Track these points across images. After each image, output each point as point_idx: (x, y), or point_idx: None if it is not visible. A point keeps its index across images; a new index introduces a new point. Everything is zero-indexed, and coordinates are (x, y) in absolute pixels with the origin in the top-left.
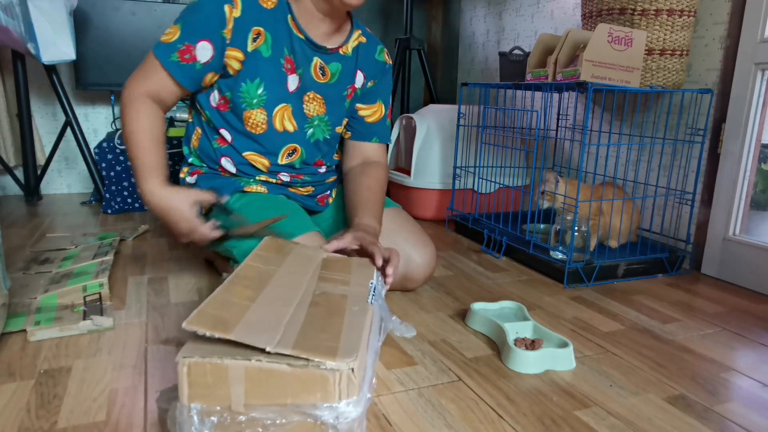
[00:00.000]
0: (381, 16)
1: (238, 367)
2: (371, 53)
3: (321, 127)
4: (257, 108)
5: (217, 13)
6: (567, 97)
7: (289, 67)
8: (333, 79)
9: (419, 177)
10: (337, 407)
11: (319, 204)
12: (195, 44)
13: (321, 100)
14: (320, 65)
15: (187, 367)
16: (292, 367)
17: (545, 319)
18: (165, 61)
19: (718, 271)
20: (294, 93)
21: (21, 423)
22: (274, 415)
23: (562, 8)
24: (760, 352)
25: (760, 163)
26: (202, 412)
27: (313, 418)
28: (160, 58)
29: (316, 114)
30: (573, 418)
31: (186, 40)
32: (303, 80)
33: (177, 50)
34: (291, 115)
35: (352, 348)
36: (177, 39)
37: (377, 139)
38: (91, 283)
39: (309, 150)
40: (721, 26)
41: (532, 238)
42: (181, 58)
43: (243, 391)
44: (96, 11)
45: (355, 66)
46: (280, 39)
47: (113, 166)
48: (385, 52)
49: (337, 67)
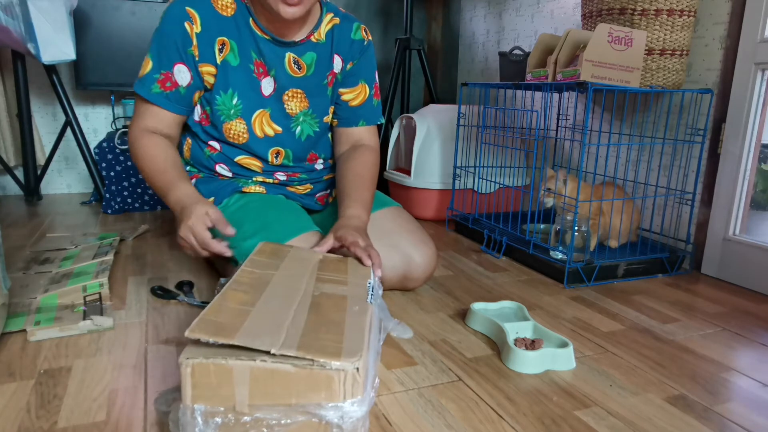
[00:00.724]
0: (381, 16)
1: (242, 367)
2: (347, 33)
3: (308, 121)
4: (235, 119)
5: (180, 33)
6: (567, 97)
7: (260, 71)
8: (310, 70)
9: (419, 177)
10: (342, 407)
11: (318, 203)
12: (171, 70)
13: (302, 94)
14: (293, 59)
15: (191, 368)
16: (296, 367)
17: (545, 319)
18: (149, 95)
19: (718, 271)
20: (271, 96)
21: (21, 423)
22: (279, 415)
23: (562, 8)
24: (760, 352)
25: (760, 163)
26: (206, 413)
27: (318, 417)
28: (143, 93)
29: (300, 110)
30: (573, 418)
31: (161, 69)
32: (278, 80)
33: (156, 81)
34: (270, 119)
35: (355, 347)
36: (151, 69)
37: (364, 122)
38: (91, 283)
39: (298, 148)
40: (721, 26)
41: (532, 238)
42: (163, 87)
43: (247, 392)
44: (96, 11)
45: (331, 51)
46: (246, 44)
47: (113, 166)
48: (362, 29)
49: (312, 56)
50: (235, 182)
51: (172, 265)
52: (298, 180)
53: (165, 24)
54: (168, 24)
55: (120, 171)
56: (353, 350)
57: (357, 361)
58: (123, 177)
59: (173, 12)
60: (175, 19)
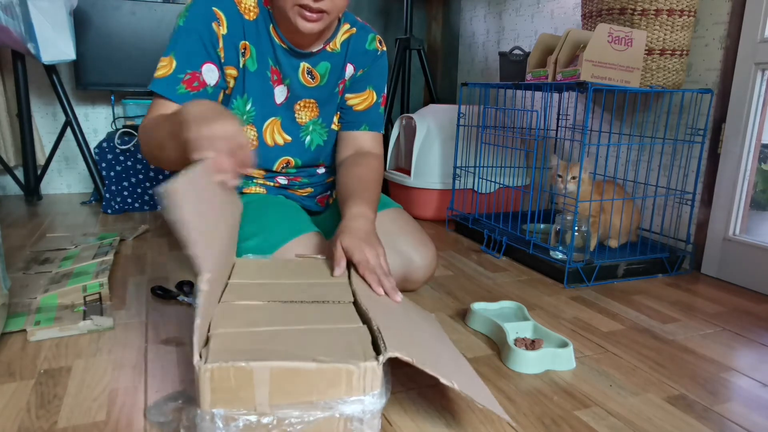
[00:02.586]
0: (381, 16)
1: (263, 368)
2: (362, 44)
3: (317, 131)
4: (247, 125)
5: (208, 33)
6: (567, 97)
7: (275, 79)
8: (323, 80)
9: (419, 177)
10: (363, 400)
11: (318, 204)
12: (199, 69)
13: (314, 104)
14: (308, 70)
15: (210, 372)
16: (318, 363)
17: (545, 319)
18: (174, 96)
19: (718, 271)
20: (282, 105)
21: (21, 423)
22: (300, 412)
23: (562, 8)
24: (760, 352)
25: (760, 163)
26: (226, 417)
27: (339, 412)
28: (167, 94)
29: (309, 119)
30: (573, 418)
31: (187, 68)
32: (292, 90)
33: (181, 81)
34: (280, 128)
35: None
36: (176, 69)
37: (366, 126)
38: (91, 283)
39: (307, 157)
40: (721, 26)
41: (532, 238)
42: (189, 87)
43: (267, 392)
44: (96, 11)
45: (345, 60)
46: (264, 50)
47: (113, 166)
48: (377, 40)
49: (326, 66)
50: None
51: (172, 265)
52: (299, 184)
53: (191, 22)
54: (194, 22)
55: (120, 171)
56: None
57: (377, 355)
58: (123, 177)
59: (199, 10)
60: (201, 18)
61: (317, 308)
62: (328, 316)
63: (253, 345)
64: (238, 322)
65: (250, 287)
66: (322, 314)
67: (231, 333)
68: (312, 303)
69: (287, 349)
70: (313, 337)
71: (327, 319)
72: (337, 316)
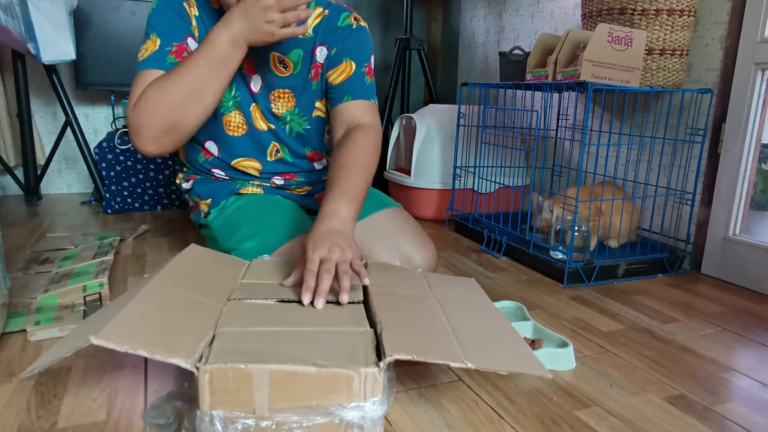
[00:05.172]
0: (381, 16)
1: (262, 371)
2: (334, 23)
3: (295, 120)
4: (234, 110)
5: (180, 12)
6: (567, 97)
7: (247, 68)
8: (296, 68)
9: (419, 177)
10: (363, 406)
11: (317, 203)
12: (185, 41)
13: (289, 94)
14: (278, 59)
15: (210, 374)
16: (317, 367)
17: (545, 319)
18: (164, 67)
19: (718, 271)
20: (259, 93)
21: (21, 423)
22: (299, 417)
23: (562, 8)
24: (760, 352)
25: (760, 163)
26: (225, 419)
27: (339, 418)
28: (158, 67)
29: (286, 110)
30: (573, 418)
31: (173, 41)
32: (265, 80)
33: (169, 53)
34: (262, 115)
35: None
36: (161, 44)
37: (349, 97)
38: (91, 283)
39: (292, 144)
40: (721, 26)
41: (532, 238)
42: (179, 57)
43: (267, 395)
44: (96, 11)
45: (314, 44)
46: None
47: (113, 166)
48: (351, 17)
49: (299, 53)
50: (233, 184)
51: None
52: (296, 183)
53: (164, 3)
54: (166, 2)
55: (120, 171)
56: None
57: (378, 361)
58: (123, 177)
59: None
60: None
61: (326, 309)
62: (336, 317)
63: (255, 345)
64: (245, 321)
65: (260, 287)
66: (330, 316)
67: (236, 332)
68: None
69: (290, 351)
70: (318, 339)
71: (334, 321)
72: (346, 317)
